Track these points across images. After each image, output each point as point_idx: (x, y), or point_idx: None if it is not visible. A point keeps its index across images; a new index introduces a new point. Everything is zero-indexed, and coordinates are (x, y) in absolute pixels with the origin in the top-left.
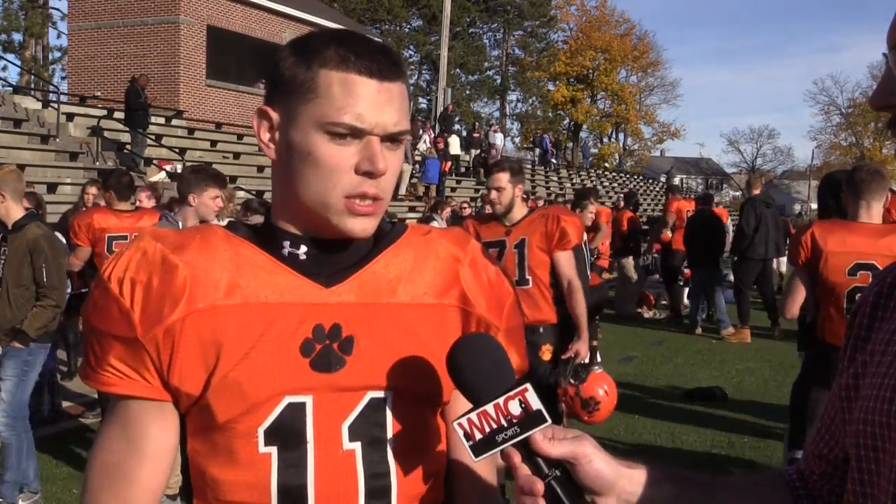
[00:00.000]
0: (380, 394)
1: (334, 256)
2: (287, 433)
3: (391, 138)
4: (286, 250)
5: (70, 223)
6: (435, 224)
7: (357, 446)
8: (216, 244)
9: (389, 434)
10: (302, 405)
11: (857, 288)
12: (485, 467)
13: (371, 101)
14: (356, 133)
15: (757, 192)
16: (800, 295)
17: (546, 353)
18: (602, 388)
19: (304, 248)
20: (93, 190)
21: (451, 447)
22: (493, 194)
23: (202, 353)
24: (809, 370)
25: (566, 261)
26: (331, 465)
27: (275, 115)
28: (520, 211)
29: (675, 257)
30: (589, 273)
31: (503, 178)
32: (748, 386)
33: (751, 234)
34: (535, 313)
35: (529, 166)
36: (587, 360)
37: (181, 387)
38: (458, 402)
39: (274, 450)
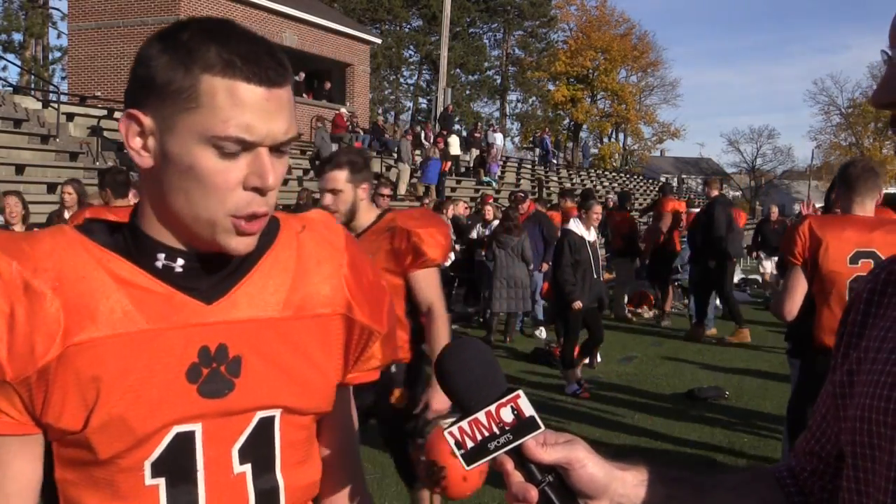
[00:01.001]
0: (269, 413)
1: (212, 268)
2: (175, 464)
3: (279, 147)
4: (160, 263)
5: (69, 222)
6: None
7: (247, 468)
8: (83, 260)
9: (278, 452)
10: (191, 434)
11: (859, 277)
12: (347, 460)
13: (260, 111)
14: (245, 146)
15: (716, 193)
16: (800, 292)
17: (399, 397)
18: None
19: (180, 262)
20: (69, 189)
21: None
22: (328, 198)
23: (80, 390)
24: (806, 385)
25: (426, 282)
26: (221, 490)
27: (147, 121)
28: (366, 217)
29: (671, 258)
30: (601, 271)
31: (339, 177)
32: (748, 386)
33: (724, 234)
34: None
35: (529, 166)
36: (443, 412)
37: (56, 424)
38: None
39: (162, 481)
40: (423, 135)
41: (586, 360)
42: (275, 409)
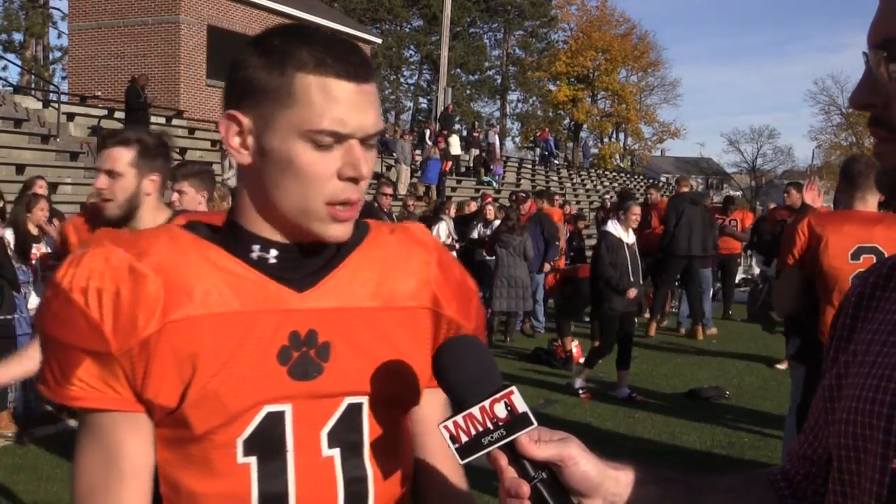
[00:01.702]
0: (357, 399)
1: (304, 260)
2: (266, 443)
3: (368, 139)
4: (255, 254)
5: (62, 230)
6: (443, 224)
7: (336, 452)
8: (184, 249)
9: (366, 439)
10: (281, 414)
11: (861, 273)
12: (453, 466)
13: (351, 105)
14: (338, 138)
15: (685, 189)
16: (792, 291)
17: None
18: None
19: (273, 252)
20: (43, 205)
21: (419, 447)
22: (102, 180)
23: (177, 366)
24: (814, 385)
25: None
26: (310, 472)
27: (246, 121)
28: (151, 217)
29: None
30: (640, 274)
31: (122, 156)
32: (748, 386)
33: (671, 230)
34: None
35: (530, 166)
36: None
37: (156, 399)
38: (428, 404)
39: (253, 459)
40: (427, 134)
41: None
42: (363, 395)
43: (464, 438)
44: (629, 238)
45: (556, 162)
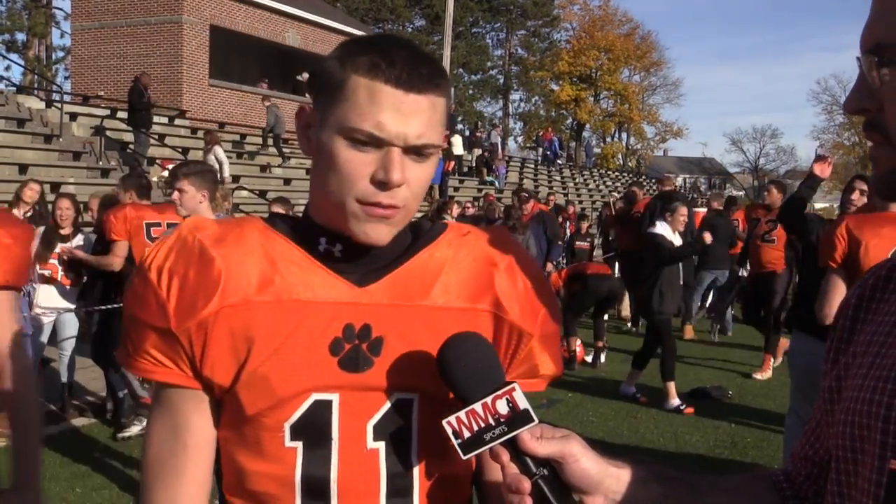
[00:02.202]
0: (406, 395)
1: (370, 255)
2: (313, 429)
3: (416, 150)
4: (322, 247)
5: (104, 221)
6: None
7: (381, 445)
8: (253, 238)
9: (414, 435)
10: (328, 403)
11: None
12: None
13: (394, 112)
14: (375, 142)
15: (668, 188)
16: (838, 295)
17: None
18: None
19: (339, 246)
20: (66, 204)
21: (485, 470)
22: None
23: (233, 347)
24: None
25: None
26: (354, 462)
27: (313, 115)
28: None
29: None
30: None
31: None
32: (751, 386)
33: (643, 231)
34: None
35: (532, 166)
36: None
37: (212, 377)
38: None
39: (300, 444)
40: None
41: (589, 359)
42: (412, 392)
43: (466, 434)
44: (677, 240)
45: (560, 162)
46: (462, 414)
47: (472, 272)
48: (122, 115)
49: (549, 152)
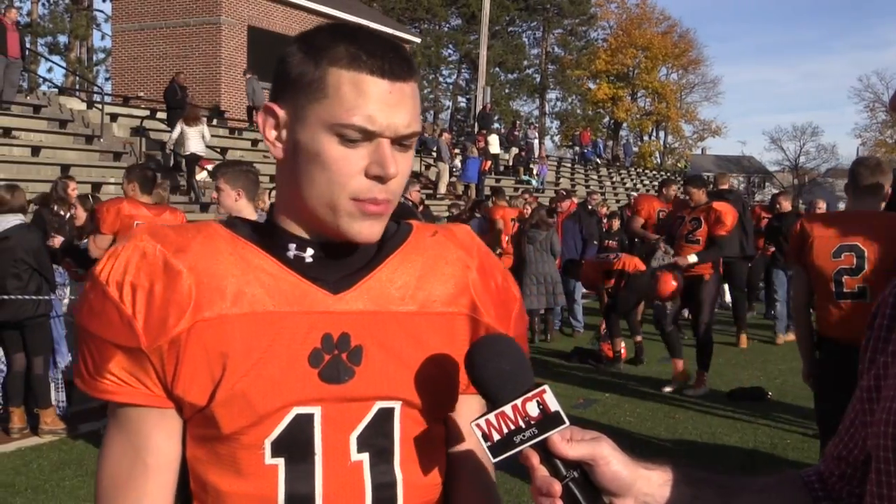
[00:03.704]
0: (388, 404)
1: (341, 261)
2: (294, 445)
3: (401, 140)
4: (291, 253)
5: (96, 210)
6: (475, 222)
7: (365, 457)
8: (219, 247)
9: (397, 444)
10: (310, 416)
11: (843, 270)
12: (482, 469)
13: (382, 103)
14: (366, 135)
15: (723, 187)
16: (800, 289)
17: None
18: None
19: (310, 252)
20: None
21: (449, 441)
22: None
23: (208, 364)
24: (820, 375)
25: None
26: (339, 476)
27: (281, 113)
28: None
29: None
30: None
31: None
32: (791, 387)
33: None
34: None
35: (569, 165)
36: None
37: (185, 397)
38: (465, 406)
39: (281, 461)
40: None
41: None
42: (394, 400)
43: (496, 437)
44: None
45: (598, 161)
46: (492, 416)
47: (446, 276)
48: (162, 115)
49: (586, 152)
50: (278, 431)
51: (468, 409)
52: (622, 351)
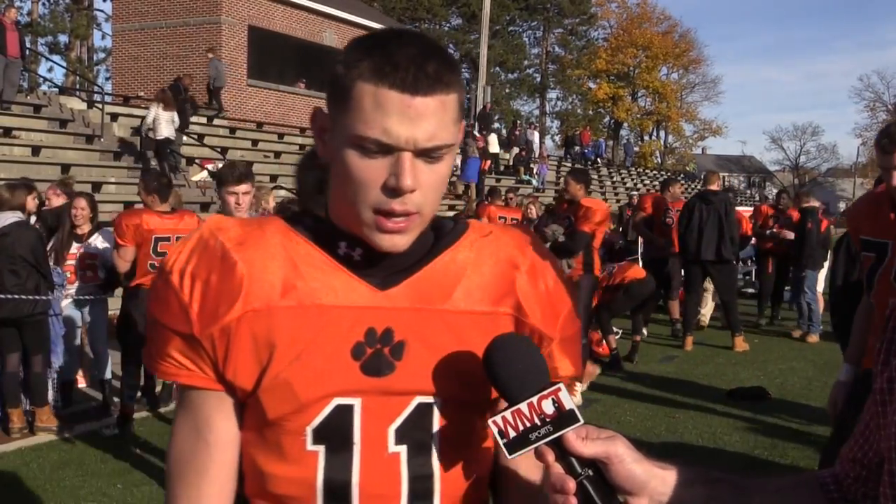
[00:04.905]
0: (428, 399)
1: (391, 258)
2: (334, 433)
3: (427, 153)
4: (342, 251)
5: (116, 224)
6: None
7: (403, 449)
8: (275, 241)
9: (435, 438)
10: (350, 407)
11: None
12: (532, 470)
13: (401, 116)
14: (384, 148)
15: (713, 187)
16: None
17: None
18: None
19: (359, 251)
20: (82, 204)
21: (501, 456)
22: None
23: (256, 352)
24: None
25: None
26: (376, 466)
27: (325, 119)
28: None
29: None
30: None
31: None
32: (791, 386)
33: (682, 232)
34: None
35: (569, 164)
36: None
37: (235, 381)
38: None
39: (321, 448)
40: (475, 131)
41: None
42: (433, 396)
43: (512, 433)
44: None
45: (599, 161)
46: (508, 413)
47: (493, 275)
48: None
49: (586, 151)
50: (319, 420)
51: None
52: (616, 348)
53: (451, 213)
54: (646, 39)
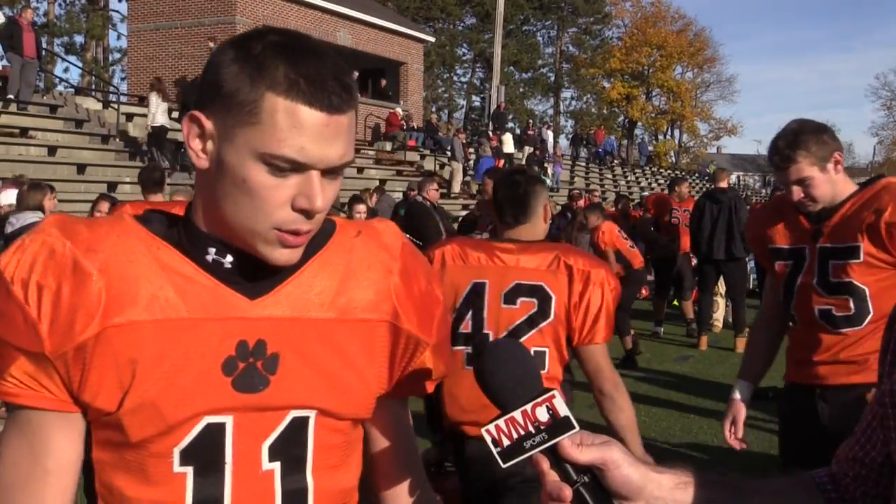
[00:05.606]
0: (303, 413)
1: (261, 266)
2: (204, 454)
3: (333, 170)
4: (210, 257)
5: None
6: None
7: (276, 466)
8: (134, 246)
9: (310, 453)
10: (221, 426)
11: None
12: (407, 471)
13: (317, 135)
14: (297, 167)
15: (721, 185)
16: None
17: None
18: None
19: (230, 258)
20: (104, 206)
21: (373, 442)
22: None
23: (117, 371)
24: None
25: None
26: (248, 485)
27: (209, 125)
28: None
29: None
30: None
31: None
32: None
33: (693, 231)
34: None
35: (584, 164)
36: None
37: (93, 403)
38: (386, 414)
39: (189, 470)
40: (489, 132)
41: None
42: (309, 409)
43: (506, 442)
44: None
45: (614, 161)
46: (501, 422)
47: (368, 281)
48: (177, 115)
49: (600, 151)
50: (188, 441)
51: (390, 413)
52: (635, 346)
53: (464, 213)
54: (660, 38)
